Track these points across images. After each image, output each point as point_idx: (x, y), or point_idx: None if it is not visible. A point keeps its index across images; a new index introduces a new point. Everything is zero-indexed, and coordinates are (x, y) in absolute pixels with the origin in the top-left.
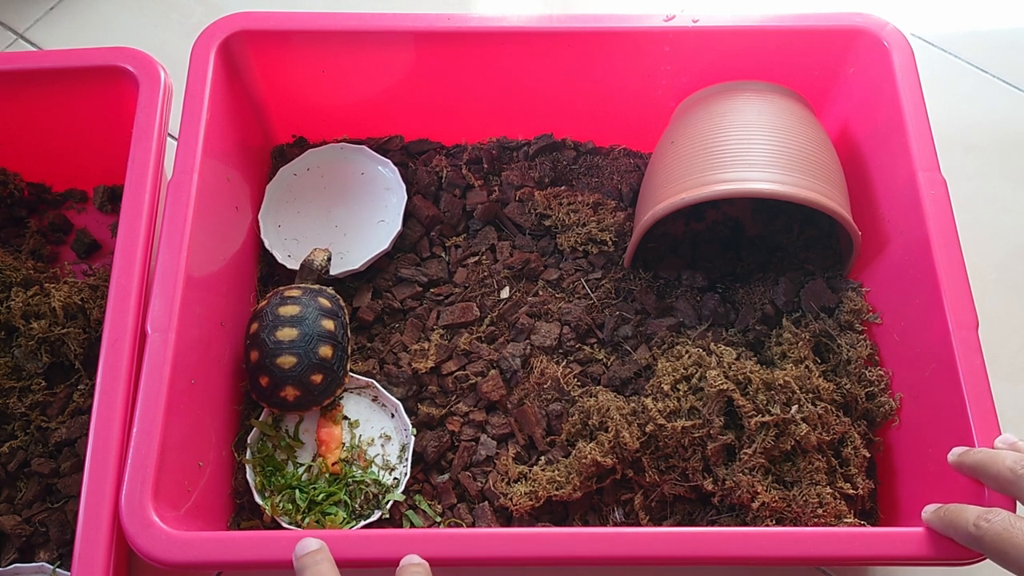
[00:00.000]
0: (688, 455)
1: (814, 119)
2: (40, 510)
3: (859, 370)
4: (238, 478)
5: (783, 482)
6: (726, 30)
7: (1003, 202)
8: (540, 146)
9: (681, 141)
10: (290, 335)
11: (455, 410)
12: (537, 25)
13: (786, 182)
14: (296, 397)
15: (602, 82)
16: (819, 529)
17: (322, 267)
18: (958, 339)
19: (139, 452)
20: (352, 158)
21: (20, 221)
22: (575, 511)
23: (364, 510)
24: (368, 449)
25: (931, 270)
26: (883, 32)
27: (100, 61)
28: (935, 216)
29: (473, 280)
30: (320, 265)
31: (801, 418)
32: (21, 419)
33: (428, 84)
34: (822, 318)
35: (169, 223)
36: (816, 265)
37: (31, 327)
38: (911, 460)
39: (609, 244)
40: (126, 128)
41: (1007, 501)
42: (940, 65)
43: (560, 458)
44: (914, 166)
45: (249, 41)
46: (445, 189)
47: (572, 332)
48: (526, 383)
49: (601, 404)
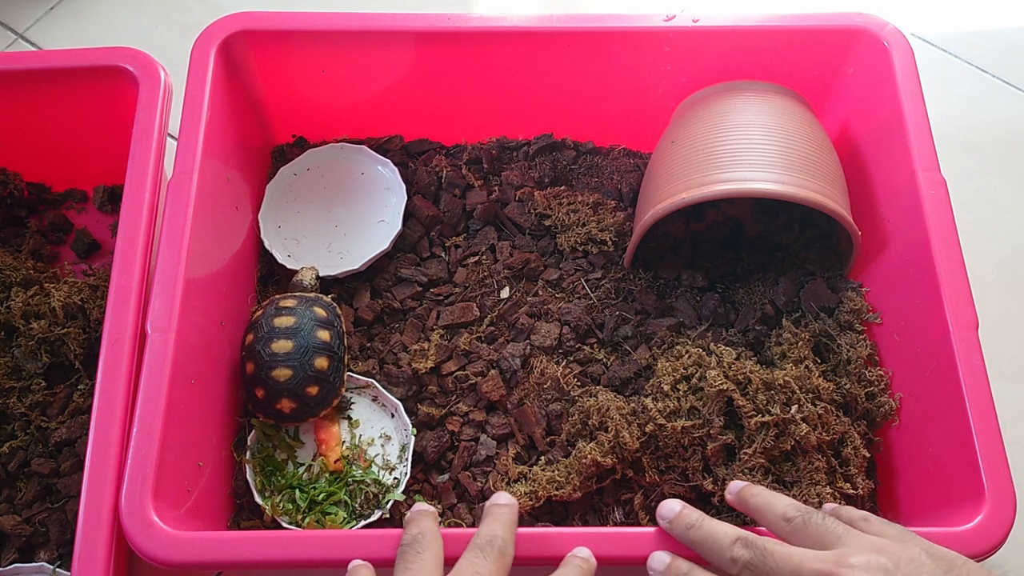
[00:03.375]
0: (688, 455)
1: (814, 119)
2: (40, 510)
3: (859, 370)
4: (238, 478)
5: (783, 482)
6: (726, 30)
7: (1003, 202)
8: (540, 146)
9: (681, 141)
10: (285, 347)
11: (455, 410)
12: (537, 25)
13: (786, 182)
14: (292, 409)
15: (602, 82)
16: None
17: (312, 285)
18: (958, 339)
19: (139, 452)
20: (352, 158)
21: (20, 221)
22: (575, 511)
23: (364, 510)
24: (368, 449)
25: (931, 270)
26: (883, 32)
27: (100, 61)
28: (935, 216)
29: (473, 280)
30: (309, 284)
31: (801, 418)
32: (21, 419)
33: (428, 84)
34: (822, 318)
35: (169, 223)
36: (816, 265)
37: (31, 327)
38: (911, 460)
39: (609, 244)
40: (126, 128)
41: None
42: (940, 65)
43: (560, 458)
44: (914, 166)
45: (249, 41)
46: (445, 189)
47: (572, 332)
48: (526, 383)
49: (601, 404)
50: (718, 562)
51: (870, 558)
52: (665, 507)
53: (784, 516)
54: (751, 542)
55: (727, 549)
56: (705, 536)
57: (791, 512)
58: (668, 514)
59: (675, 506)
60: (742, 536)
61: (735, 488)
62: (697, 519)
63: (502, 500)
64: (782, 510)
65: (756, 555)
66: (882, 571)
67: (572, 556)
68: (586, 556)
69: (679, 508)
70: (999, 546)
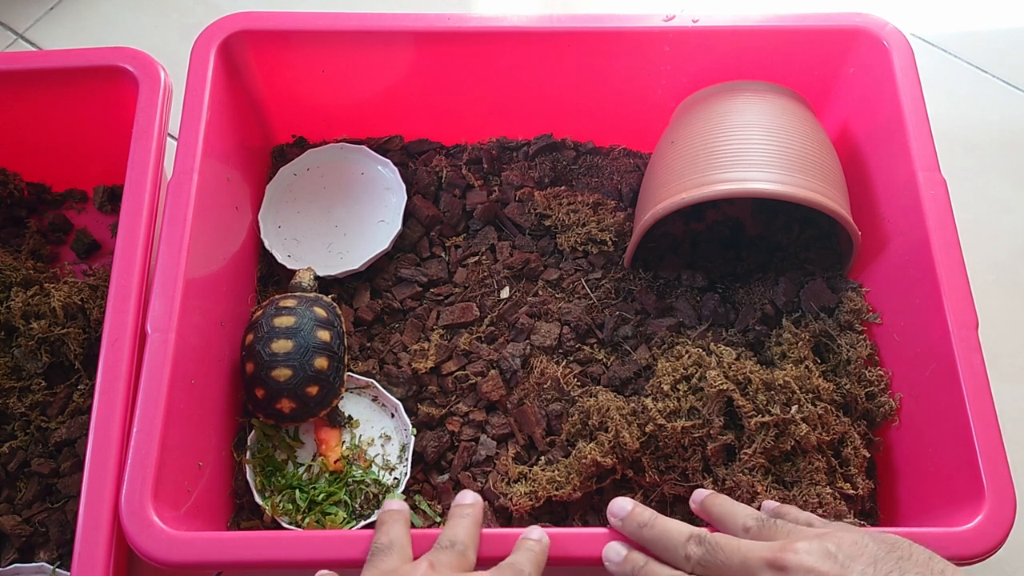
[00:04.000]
0: (688, 455)
1: (814, 119)
2: (40, 510)
3: (859, 370)
4: (238, 478)
5: (783, 482)
6: (726, 30)
7: (1003, 202)
8: (540, 146)
9: (681, 141)
10: (285, 347)
11: (455, 410)
12: (537, 25)
13: (786, 182)
14: (292, 409)
15: (602, 82)
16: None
17: (310, 286)
18: (958, 339)
19: (139, 452)
20: (352, 158)
21: (20, 221)
22: (575, 511)
23: (364, 510)
24: (368, 449)
25: (931, 270)
26: (883, 32)
27: (100, 61)
28: (935, 216)
29: (473, 280)
30: (308, 285)
31: (801, 418)
32: (21, 419)
33: (428, 84)
34: (822, 318)
35: (169, 223)
36: (816, 265)
37: (31, 327)
38: (911, 460)
39: (609, 244)
40: (126, 128)
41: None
42: (940, 65)
43: (560, 458)
44: (914, 166)
45: (249, 41)
46: (445, 189)
47: (572, 332)
48: (526, 383)
49: (601, 404)
50: (672, 559)
51: (813, 544)
52: (616, 505)
53: (744, 526)
54: (703, 538)
55: (681, 547)
56: (659, 534)
57: (750, 522)
58: (620, 512)
59: (626, 504)
60: (695, 533)
61: (699, 497)
62: (650, 517)
63: (466, 500)
64: (742, 520)
65: (708, 550)
66: (824, 554)
67: (524, 539)
68: (538, 538)
69: (630, 507)
70: (999, 546)
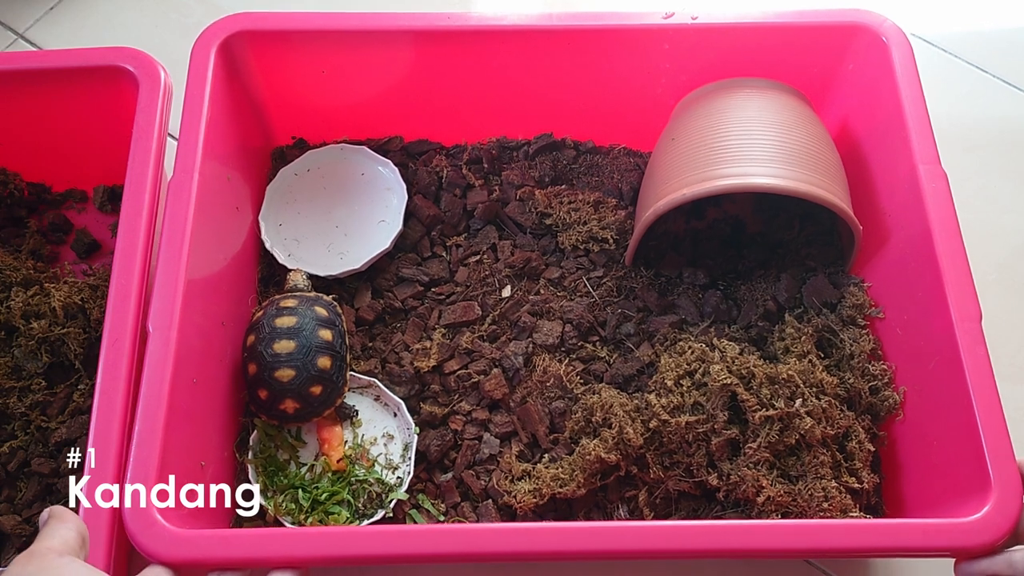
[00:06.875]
0: (692, 450)
1: (814, 115)
2: (40, 510)
3: (862, 364)
4: (240, 478)
5: (788, 476)
6: (725, 27)
7: (1003, 202)
8: (540, 145)
9: (681, 138)
10: (287, 347)
11: (458, 409)
12: (537, 24)
13: (787, 176)
14: (296, 409)
15: (602, 80)
16: (821, 521)
17: (305, 286)
18: (961, 331)
19: (142, 450)
20: (352, 158)
21: (20, 221)
22: (579, 508)
23: (367, 509)
24: (371, 448)
25: (933, 263)
26: (882, 28)
27: (100, 61)
28: (936, 209)
29: (474, 279)
30: (304, 285)
31: (805, 412)
32: (21, 419)
33: (428, 84)
34: (824, 313)
35: (169, 223)
36: (818, 261)
37: (31, 327)
38: (916, 453)
39: (610, 242)
40: (126, 128)
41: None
42: (940, 65)
43: (564, 455)
44: (914, 160)
45: (249, 41)
46: (445, 189)
47: (574, 330)
48: (529, 381)
49: (604, 401)
50: None
51: None
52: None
53: None
54: None
55: None
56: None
57: None
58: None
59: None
60: None
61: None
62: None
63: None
64: None
65: None
66: None
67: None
68: None
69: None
70: (1006, 536)
